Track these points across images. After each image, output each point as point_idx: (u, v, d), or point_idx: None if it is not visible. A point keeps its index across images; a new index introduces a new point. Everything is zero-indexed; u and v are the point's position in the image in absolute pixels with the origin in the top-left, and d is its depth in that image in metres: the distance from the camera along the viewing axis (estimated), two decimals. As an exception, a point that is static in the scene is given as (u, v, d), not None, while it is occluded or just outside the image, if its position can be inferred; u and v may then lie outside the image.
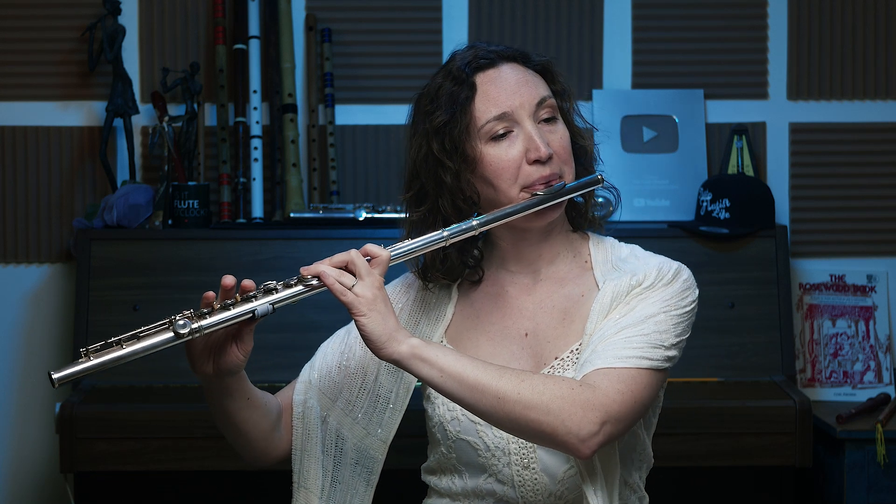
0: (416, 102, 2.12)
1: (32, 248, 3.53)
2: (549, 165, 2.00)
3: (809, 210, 3.58)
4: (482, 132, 2.01)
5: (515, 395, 1.87)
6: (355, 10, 3.55)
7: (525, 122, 2.01)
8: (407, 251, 1.98)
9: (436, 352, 1.89)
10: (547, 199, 2.00)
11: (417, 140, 2.08)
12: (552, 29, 3.54)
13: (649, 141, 3.51)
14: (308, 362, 2.15)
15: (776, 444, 3.01)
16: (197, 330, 1.83)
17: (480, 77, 2.03)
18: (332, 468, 2.09)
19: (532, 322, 2.08)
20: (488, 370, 1.89)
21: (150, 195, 3.39)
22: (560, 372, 2.03)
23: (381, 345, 1.88)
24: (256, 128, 3.45)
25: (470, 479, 2.07)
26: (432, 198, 2.05)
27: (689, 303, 2.03)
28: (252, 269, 3.26)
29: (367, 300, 1.88)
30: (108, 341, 1.81)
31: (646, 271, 2.03)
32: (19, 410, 3.55)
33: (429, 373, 1.89)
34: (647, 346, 1.95)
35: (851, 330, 3.51)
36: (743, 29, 3.57)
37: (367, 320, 1.88)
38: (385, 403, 2.11)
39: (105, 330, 3.23)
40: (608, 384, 1.91)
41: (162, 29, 3.53)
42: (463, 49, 2.11)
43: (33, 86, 3.53)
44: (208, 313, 1.85)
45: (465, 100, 2.01)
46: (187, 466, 3.00)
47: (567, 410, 1.87)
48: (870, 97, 3.58)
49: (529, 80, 2.04)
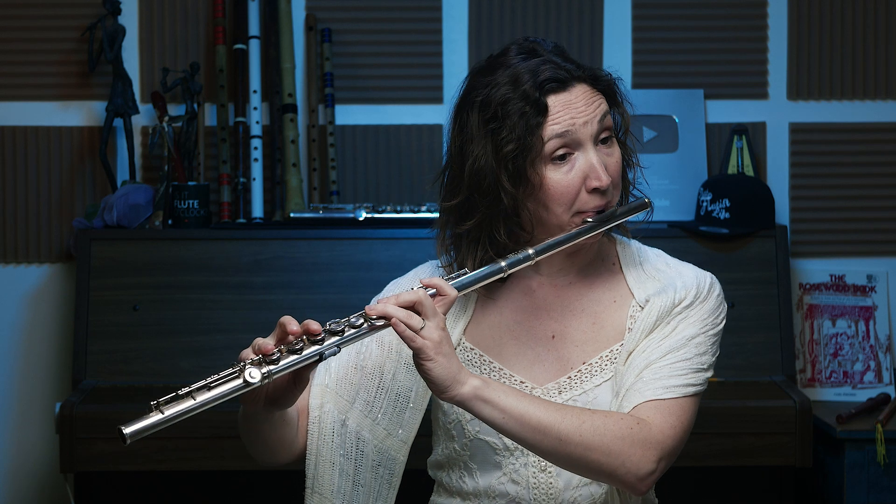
0: (466, 104, 2.00)
1: (32, 248, 3.53)
2: (606, 194, 1.97)
3: (809, 210, 3.58)
4: (544, 153, 1.95)
5: (577, 437, 1.88)
6: (355, 10, 3.55)
7: (587, 146, 1.96)
8: (468, 284, 1.94)
9: (497, 393, 1.88)
10: (598, 225, 1.98)
11: (473, 151, 1.97)
12: (552, 29, 3.54)
13: (649, 141, 3.51)
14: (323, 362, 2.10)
15: (776, 444, 3.01)
16: (266, 375, 1.79)
17: (552, 99, 1.95)
18: (353, 472, 2.06)
19: (560, 324, 2.06)
20: (549, 410, 1.89)
21: (150, 195, 3.39)
22: (587, 377, 2.02)
23: (445, 388, 1.86)
24: (256, 128, 3.45)
25: (482, 477, 2.05)
26: (482, 216, 1.99)
27: (722, 319, 2.05)
28: (252, 269, 3.26)
29: (433, 343, 1.84)
30: (179, 393, 1.76)
31: (686, 288, 2.03)
32: (19, 410, 3.55)
33: (490, 413, 1.87)
34: (691, 371, 1.98)
35: (851, 330, 3.51)
36: (743, 29, 3.57)
37: (433, 365, 1.84)
38: (405, 402, 2.08)
39: (105, 330, 3.24)
40: (661, 419, 1.94)
41: (162, 29, 3.53)
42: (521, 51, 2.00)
43: (33, 86, 3.53)
44: (277, 359, 1.81)
45: (536, 125, 1.93)
46: (187, 466, 3.00)
47: (626, 451, 1.89)
48: (870, 97, 3.58)
49: (595, 100, 1.98)
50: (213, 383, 1.77)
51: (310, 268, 3.27)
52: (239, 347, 1.95)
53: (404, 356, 2.07)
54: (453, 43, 3.55)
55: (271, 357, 1.80)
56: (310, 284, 3.26)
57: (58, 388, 3.52)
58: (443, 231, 2.05)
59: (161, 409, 1.75)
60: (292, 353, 1.81)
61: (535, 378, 2.04)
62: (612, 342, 2.04)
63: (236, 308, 3.25)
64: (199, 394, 1.76)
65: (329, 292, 3.25)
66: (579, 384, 2.02)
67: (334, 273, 3.26)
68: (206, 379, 1.78)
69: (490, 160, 1.95)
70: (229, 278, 3.26)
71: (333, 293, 3.24)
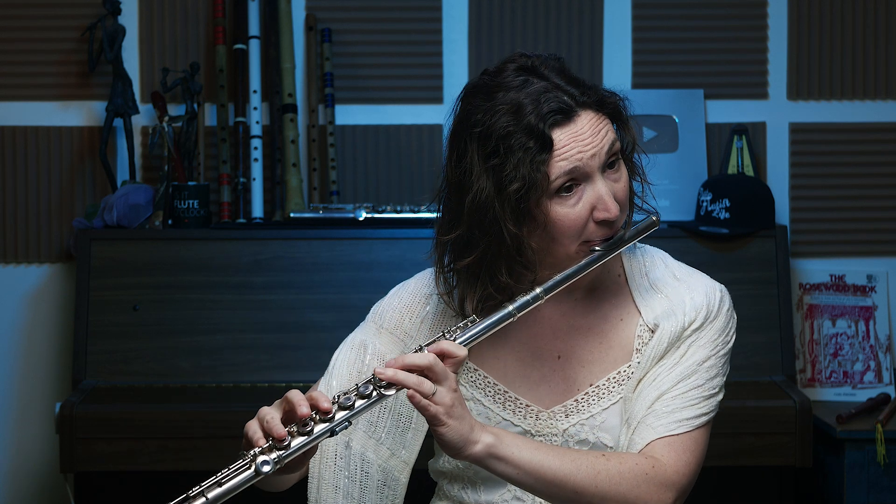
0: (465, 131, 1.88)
1: (32, 248, 3.53)
2: (614, 224, 1.89)
3: (809, 210, 3.57)
4: (551, 188, 1.84)
5: (593, 489, 1.85)
6: (355, 10, 3.55)
7: (595, 177, 1.86)
8: (477, 336, 1.86)
9: (510, 448, 1.83)
10: (606, 253, 1.90)
11: (475, 184, 1.85)
12: (552, 29, 3.54)
13: (649, 141, 3.50)
14: (323, 380, 2.04)
15: (776, 444, 3.01)
16: (278, 461, 1.74)
17: (557, 133, 1.83)
18: (358, 495, 2.01)
19: (565, 344, 2.00)
20: (564, 461, 1.85)
21: (150, 195, 3.39)
22: (595, 400, 1.97)
23: (459, 449, 1.81)
24: (256, 128, 3.45)
25: (485, 493, 2.01)
26: (482, 252, 1.89)
27: (732, 336, 2.02)
28: (252, 269, 3.26)
29: (445, 408, 1.78)
30: (190, 494, 1.72)
31: (695, 308, 1.97)
32: (19, 410, 3.55)
33: (505, 470, 1.84)
34: (702, 399, 1.95)
35: (851, 330, 3.51)
36: (743, 29, 3.57)
37: (447, 430, 1.79)
38: (407, 423, 2.04)
39: (105, 330, 3.24)
40: (676, 457, 1.91)
41: (162, 29, 3.53)
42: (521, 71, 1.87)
43: (33, 86, 3.53)
44: (287, 444, 1.74)
45: (541, 162, 1.82)
46: (187, 466, 3.00)
47: (643, 497, 1.87)
48: (870, 97, 3.58)
49: (602, 128, 1.87)
50: (223, 479, 1.73)
51: (310, 268, 3.27)
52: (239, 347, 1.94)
53: None
54: (453, 43, 3.55)
55: (282, 444, 1.74)
56: (310, 284, 3.26)
57: (58, 388, 3.52)
58: (440, 260, 1.96)
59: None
60: (303, 434, 1.75)
61: (540, 400, 1.99)
62: (620, 363, 1.98)
63: (236, 308, 3.25)
64: (210, 490, 1.72)
65: (329, 292, 3.24)
66: (587, 408, 1.97)
67: (334, 273, 3.26)
68: (216, 475, 1.73)
69: (492, 198, 1.84)
70: (229, 278, 3.26)
71: (333, 293, 3.24)
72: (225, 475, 1.72)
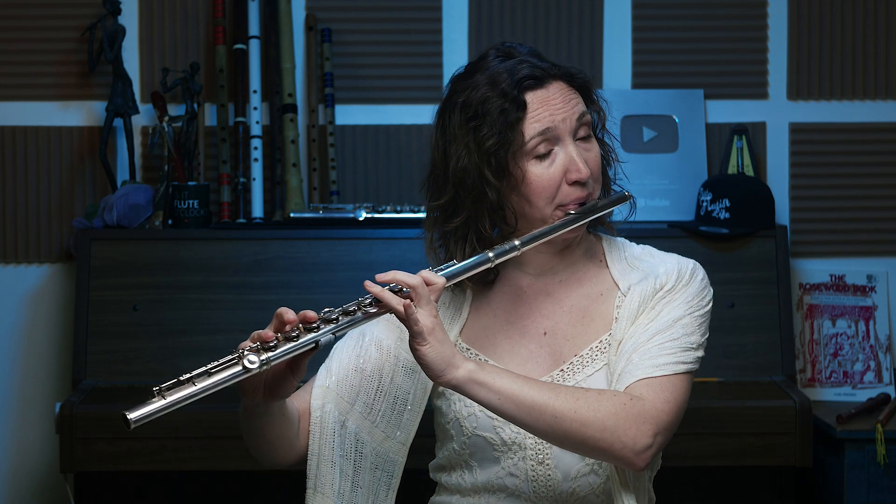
0: (448, 107, 2.06)
1: (32, 248, 3.53)
2: (586, 186, 2.03)
3: (809, 210, 3.58)
4: (526, 149, 2.01)
5: (572, 414, 1.91)
6: (355, 10, 3.55)
7: (566, 141, 2.02)
8: (456, 274, 1.99)
9: (491, 375, 1.92)
10: (580, 217, 2.04)
11: (455, 150, 2.03)
12: (552, 29, 3.54)
13: (649, 141, 3.51)
14: (324, 365, 2.13)
15: (776, 444, 3.01)
16: (265, 362, 1.84)
17: (530, 95, 2.01)
18: (352, 472, 2.08)
19: (550, 321, 2.10)
20: (543, 390, 1.93)
21: (150, 195, 3.39)
22: (579, 368, 2.05)
23: (440, 372, 1.90)
24: (256, 128, 3.45)
25: (481, 473, 2.07)
26: (468, 212, 2.04)
27: (707, 302, 2.09)
28: (252, 269, 3.26)
29: (427, 329, 1.89)
30: (180, 378, 1.81)
31: (667, 273, 2.07)
32: (19, 410, 3.55)
33: (486, 396, 1.91)
34: (680, 350, 2.01)
35: (851, 330, 3.51)
36: (743, 29, 3.57)
37: (428, 349, 1.89)
38: (403, 405, 2.11)
39: (105, 330, 3.24)
40: (654, 394, 1.96)
41: (162, 29, 3.53)
42: (499, 54, 2.06)
43: (33, 86, 3.53)
44: (274, 346, 1.86)
45: (515, 120, 1.99)
46: (187, 466, 3.00)
47: (622, 426, 1.92)
48: (870, 97, 3.58)
49: (572, 98, 2.04)
50: (213, 369, 1.83)
51: (310, 268, 3.27)
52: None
53: (402, 360, 2.10)
54: (453, 43, 3.55)
55: (269, 345, 1.85)
56: (310, 284, 3.26)
57: (58, 388, 3.52)
58: (430, 232, 2.10)
59: (164, 395, 1.79)
60: (289, 340, 1.86)
61: (529, 374, 2.06)
62: (601, 332, 2.07)
63: (236, 308, 3.25)
64: (200, 380, 1.82)
65: (329, 292, 3.25)
66: (572, 375, 2.05)
67: (334, 273, 3.26)
68: (206, 366, 1.83)
69: (473, 157, 2.01)
70: (229, 278, 3.26)
71: (333, 293, 3.24)
72: (215, 366, 1.83)
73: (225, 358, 1.84)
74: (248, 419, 2.01)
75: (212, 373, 1.82)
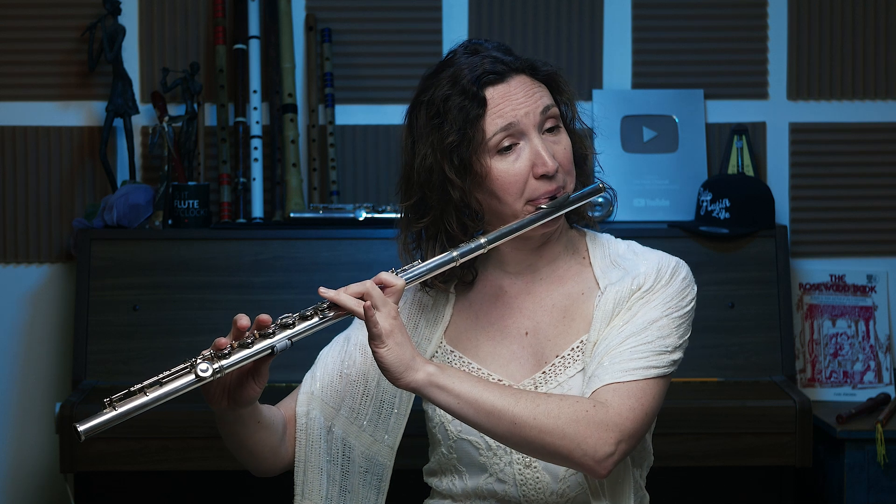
0: (415, 105, 2.07)
1: (32, 248, 3.53)
2: (554, 179, 1.99)
3: (809, 210, 3.58)
4: (489, 145, 1.98)
5: (531, 421, 1.89)
6: (355, 10, 3.55)
7: (532, 135, 1.99)
8: (419, 275, 1.97)
9: (451, 378, 1.90)
10: (551, 211, 2.00)
11: (421, 149, 2.02)
12: (552, 29, 3.54)
13: (649, 141, 3.51)
14: (309, 371, 2.13)
15: (776, 444, 3.01)
16: (218, 370, 1.83)
17: (490, 91, 1.99)
18: (339, 477, 2.08)
19: (532, 321, 2.08)
20: (504, 395, 1.90)
21: (150, 195, 3.39)
22: (561, 370, 2.03)
23: (399, 375, 1.88)
24: (256, 128, 3.45)
25: (470, 479, 2.07)
26: (435, 211, 2.02)
27: (688, 302, 2.04)
28: (252, 269, 3.26)
29: (385, 331, 1.87)
30: (131, 389, 1.80)
31: (645, 273, 2.03)
32: (19, 410, 3.55)
33: (446, 400, 1.89)
34: (652, 354, 1.97)
35: (851, 330, 3.51)
36: (743, 29, 3.57)
37: (386, 351, 1.87)
38: (389, 409, 2.11)
39: (105, 330, 3.24)
40: (620, 401, 1.93)
41: (162, 29, 3.53)
42: (466, 51, 2.06)
43: (33, 86, 3.53)
44: (228, 353, 1.84)
45: (475, 117, 1.97)
46: (187, 466, 3.01)
47: (582, 433, 1.89)
48: (870, 97, 3.58)
49: (536, 91, 2.01)
50: (164, 379, 1.81)
51: (310, 268, 3.27)
52: (239, 347, 1.96)
53: None
54: (453, 43, 3.51)
55: (223, 352, 1.84)
56: (310, 284, 3.26)
57: (58, 388, 3.52)
58: (404, 233, 2.08)
59: (114, 406, 1.78)
60: (244, 347, 1.85)
61: (512, 375, 2.06)
62: (582, 333, 2.05)
63: (236, 308, 3.21)
64: (152, 390, 1.80)
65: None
66: (553, 377, 2.03)
67: (334, 273, 3.26)
68: (157, 375, 1.81)
69: (436, 154, 1.99)
70: (229, 278, 3.26)
71: (333, 293, 3.24)
72: (167, 376, 1.81)
73: (178, 367, 1.82)
74: (222, 426, 2.00)
75: (164, 382, 1.80)
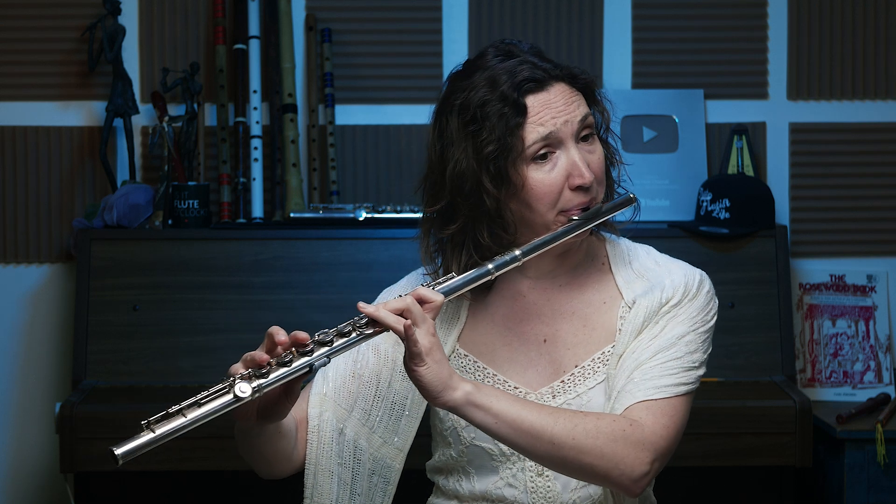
0: (445, 108, 2.00)
1: (32, 248, 3.53)
2: (589, 191, 1.96)
3: (809, 210, 3.58)
4: (526, 154, 1.94)
5: (570, 441, 1.87)
6: (355, 10, 3.55)
7: (569, 144, 1.95)
8: (455, 289, 1.92)
9: (489, 397, 1.87)
10: (584, 223, 1.97)
11: (453, 154, 1.96)
12: (552, 29, 3.54)
13: (649, 141, 3.51)
14: (320, 371, 2.07)
15: (776, 444, 3.01)
16: (257, 390, 1.77)
17: (531, 99, 1.93)
18: (350, 480, 2.05)
19: (551, 328, 2.05)
20: (542, 414, 1.88)
21: (150, 195, 3.39)
22: (580, 380, 2.01)
23: (437, 394, 1.85)
24: (256, 128, 3.45)
25: (479, 481, 2.05)
26: (465, 219, 1.98)
27: (712, 316, 2.04)
28: (252, 269, 3.26)
29: (425, 349, 1.83)
30: (169, 411, 1.74)
31: (673, 286, 2.01)
32: (19, 410, 3.55)
33: (483, 419, 1.87)
34: (682, 370, 1.97)
35: (851, 330, 3.51)
36: (743, 29, 3.57)
37: (425, 370, 1.84)
38: (401, 411, 2.07)
39: (105, 330, 3.23)
40: (653, 420, 1.92)
41: (162, 29, 3.53)
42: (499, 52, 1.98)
43: (33, 86, 3.53)
44: (266, 372, 1.79)
45: (515, 126, 1.92)
46: (187, 466, 3.00)
47: (620, 454, 1.88)
48: (870, 97, 3.58)
49: (574, 100, 1.96)
50: (203, 400, 1.75)
51: (310, 268, 3.27)
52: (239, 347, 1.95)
53: (399, 365, 2.05)
54: (453, 43, 3.55)
55: (261, 371, 1.78)
56: (310, 284, 3.26)
57: (58, 388, 3.52)
58: (426, 238, 2.04)
59: (152, 428, 1.73)
60: (282, 365, 1.80)
61: (528, 383, 2.03)
62: (604, 344, 2.02)
63: (236, 308, 3.25)
64: (190, 411, 1.74)
65: (329, 292, 3.25)
66: (573, 387, 2.01)
67: (334, 273, 3.26)
68: (196, 396, 1.76)
69: (471, 162, 1.94)
70: (229, 278, 3.26)
71: (333, 293, 3.24)
72: (205, 397, 1.75)
73: (216, 387, 1.77)
74: (244, 440, 1.97)
75: (202, 403, 1.75)
